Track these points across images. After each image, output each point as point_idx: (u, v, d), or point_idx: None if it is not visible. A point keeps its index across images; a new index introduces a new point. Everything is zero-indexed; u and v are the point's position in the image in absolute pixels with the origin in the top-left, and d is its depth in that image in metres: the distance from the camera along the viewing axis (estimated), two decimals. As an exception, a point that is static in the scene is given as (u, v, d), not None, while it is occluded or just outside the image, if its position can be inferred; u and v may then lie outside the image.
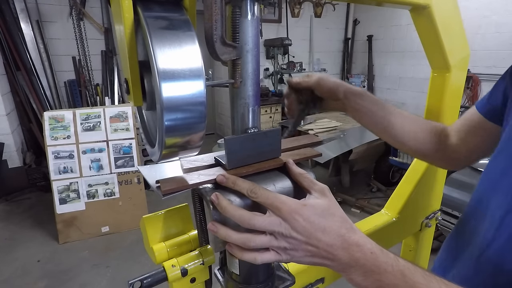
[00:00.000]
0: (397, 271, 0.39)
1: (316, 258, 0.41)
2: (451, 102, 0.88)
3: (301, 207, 0.41)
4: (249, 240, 0.40)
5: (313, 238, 0.40)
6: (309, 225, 0.40)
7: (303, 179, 0.46)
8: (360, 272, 0.40)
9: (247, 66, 0.46)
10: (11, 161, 3.41)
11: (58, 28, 3.76)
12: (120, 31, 0.40)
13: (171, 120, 0.38)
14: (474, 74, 4.21)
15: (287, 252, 0.41)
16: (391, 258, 0.40)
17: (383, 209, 0.97)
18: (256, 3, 0.45)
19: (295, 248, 0.40)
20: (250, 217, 0.40)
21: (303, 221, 0.40)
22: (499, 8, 3.95)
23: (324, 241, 0.40)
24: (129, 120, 2.83)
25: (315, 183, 0.45)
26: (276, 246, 0.40)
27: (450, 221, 2.13)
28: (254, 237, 0.40)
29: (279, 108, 4.81)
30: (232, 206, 0.41)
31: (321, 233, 0.40)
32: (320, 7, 5.53)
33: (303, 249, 0.40)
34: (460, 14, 0.81)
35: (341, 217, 0.42)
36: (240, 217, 0.40)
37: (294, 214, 0.40)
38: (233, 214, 0.41)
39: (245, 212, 0.41)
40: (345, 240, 0.40)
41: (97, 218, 2.76)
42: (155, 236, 0.54)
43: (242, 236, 0.41)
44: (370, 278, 0.39)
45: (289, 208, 0.40)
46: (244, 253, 0.41)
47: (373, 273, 0.39)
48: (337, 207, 0.43)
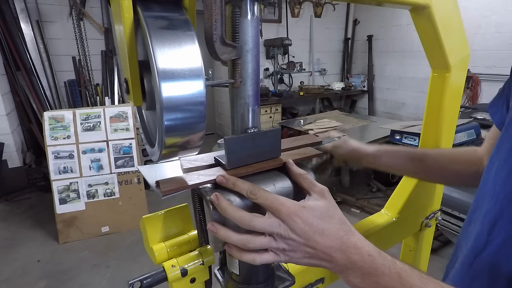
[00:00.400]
0: (394, 273, 0.39)
1: (314, 259, 0.41)
2: (451, 102, 0.88)
3: (300, 209, 0.41)
4: (249, 241, 0.40)
5: (312, 240, 0.40)
6: (308, 227, 0.40)
7: (303, 180, 0.46)
8: (358, 274, 0.40)
9: (247, 66, 0.46)
10: (11, 161, 3.41)
11: (58, 28, 3.76)
12: (120, 31, 0.40)
13: (170, 120, 0.38)
14: (474, 74, 4.21)
15: (286, 253, 0.41)
16: (389, 260, 0.40)
17: (383, 209, 0.97)
18: (256, 3, 0.45)
19: (294, 250, 0.41)
20: (250, 219, 0.40)
21: (301, 223, 0.40)
22: (499, 8, 3.95)
23: (322, 243, 0.40)
24: (129, 120, 2.83)
25: (315, 184, 0.45)
26: (275, 247, 0.41)
27: (450, 221, 2.13)
28: (253, 238, 0.40)
29: (279, 108, 4.81)
30: (232, 207, 0.42)
31: (319, 235, 0.40)
32: (320, 7, 5.53)
33: (302, 250, 0.41)
34: (460, 14, 0.81)
35: (339, 219, 0.43)
36: (240, 219, 0.40)
37: (293, 216, 0.40)
38: (233, 215, 0.41)
39: (245, 214, 0.41)
40: (343, 242, 0.41)
41: (97, 218, 2.75)
42: (155, 236, 0.54)
43: (241, 237, 0.41)
44: (367, 280, 0.40)
45: (288, 210, 0.40)
46: (243, 254, 0.41)
47: (370, 275, 0.40)
48: (336, 209, 0.43)
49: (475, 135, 2.60)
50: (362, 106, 6.12)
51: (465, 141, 2.54)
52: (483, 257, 0.51)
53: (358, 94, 5.97)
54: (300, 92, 5.22)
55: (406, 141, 2.77)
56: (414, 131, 2.72)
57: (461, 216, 2.06)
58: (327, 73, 6.04)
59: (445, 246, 2.51)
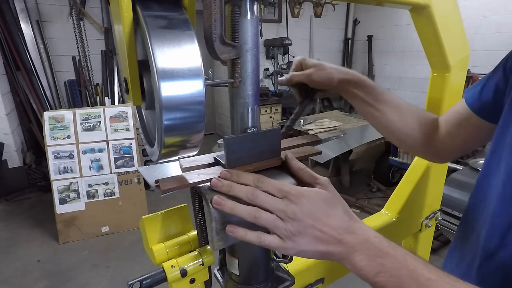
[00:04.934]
0: (400, 255, 0.39)
1: (322, 244, 0.41)
2: (451, 102, 0.88)
3: (307, 191, 0.42)
4: (255, 211, 0.41)
5: (319, 221, 0.40)
6: (315, 209, 0.41)
7: (303, 174, 0.47)
8: (364, 256, 0.40)
9: (246, 65, 0.46)
10: (11, 161, 3.41)
11: (58, 28, 3.76)
12: (119, 30, 0.40)
13: (170, 119, 0.37)
14: (474, 74, 4.20)
15: (293, 238, 0.40)
16: (393, 244, 0.41)
17: (383, 209, 0.97)
18: (256, 2, 0.44)
19: (301, 233, 0.40)
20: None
21: (309, 204, 0.41)
22: (499, 8, 3.95)
23: (330, 224, 0.41)
24: (129, 120, 2.83)
25: (317, 177, 0.46)
26: (282, 227, 0.40)
27: (450, 221, 2.13)
28: (260, 211, 0.41)
29: (279, 108, 4.81)
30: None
31: (326, 216, 0.41)
32: (320, 7, 5.53)
33: (309, 234, 0.40)
34: (460, 14, 0.81)
35: (343, 206, 0.44)
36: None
37: (301, 197, 0.41)
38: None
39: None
40: (349, 225, 0.41)
41: (97, 218, 2.75)
42: (155, 236, 0.54)
43: (248, 208, 0.41)
44: (373, 261, 0.39)
45: (296, 192, 0.41)
46: (248, 232, 0.41)
47: (376, 256, 0.39)
48: (340, 198, 0.44)
49: (475, 135, 2.60)
50: (362, 106, 6.11)
51: (465, 141, 2.53)
52: (495, 260, 0.49)
53: (358, 94, 5.96)
54: (300, 92, 5.21)
55: (406, 141, 2.76)
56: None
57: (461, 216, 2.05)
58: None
59: (445, 246, 2.51)
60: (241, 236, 0.42)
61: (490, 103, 0.57)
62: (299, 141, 0.61)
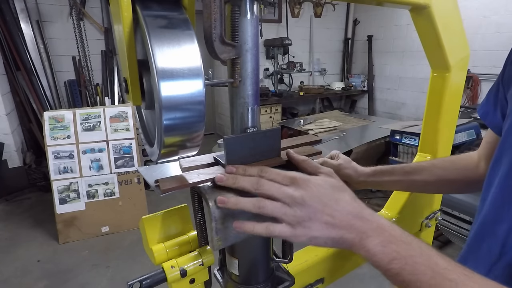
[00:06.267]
0: (415, 244, 0.38)
1: (334, 229, 0.39)
2: (451, 102, 0.88)
3: (314, 178, 0.42)
4: (260, 202, 0.40)
5: (329, 206, 0.40)
6: (324, 195, 0.40)
7: (307, 165, 0.46)
8: (378, 241, 0.38)
9: (246, 65, 0.46)
10: (11, 161, 3.41)
11: (58, 28, 3.76)
12: (119, 30, 0.40)
13: (170, 119, 0.37)
14: (474, 74, 4.20)
15: (303, 224, 0.39)
16: (407, 233, 0.40)
17: (383, 209, 0.97)
18: (256, 2, 0.44)
19: (311, 218, 0.39)
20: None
21: (317, 191, 0.40)
22: (499, 8, 3.95)
23: (340, 210, 0.40)
24: (129, 120, 2.82)
25: (320, 167, 0.46)
26: (291, 214, 0.39)
27: (450, 221, 2.13)
28: (265, 200, 0.40)
29: (279, 108, 4.81)
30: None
31: (335, 202, 0.40)
32: (320, 7, 5.53)
33: (319, 219, 0.39)
34: (460, 14, 0.81)
35: (350, 193, 0.43)
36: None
37: (308, 183, 0.40)
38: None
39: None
40: (359, 211, 0.41)
41: (97, 218, 2.75)
42: (154, 236, 0.54)
43: (253, 200, 0.40)
44: (387, 248, 0.38)
45: (303, 177, 0.41)
46: (256, 225, 0.40)
47: (390, 243, 0.38)
48: (346, 187, 0.44)
49: (475, 135, 2.60)
50: (362, 106, 6.12)
51: (465, 141, 2.54)
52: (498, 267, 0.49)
53: (358, 94, 5.97)
54: (300, 92, 5.22)
55: (406, 141, 2.77)
56: (414, 131, 2.72)
57: (461, 216, 2.05)
58: (327, 73, 6.04)
59: (445, 246, 2.51)
60: (249, 230, 0.40)
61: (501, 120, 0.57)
62: (299, 141, 0.61)
